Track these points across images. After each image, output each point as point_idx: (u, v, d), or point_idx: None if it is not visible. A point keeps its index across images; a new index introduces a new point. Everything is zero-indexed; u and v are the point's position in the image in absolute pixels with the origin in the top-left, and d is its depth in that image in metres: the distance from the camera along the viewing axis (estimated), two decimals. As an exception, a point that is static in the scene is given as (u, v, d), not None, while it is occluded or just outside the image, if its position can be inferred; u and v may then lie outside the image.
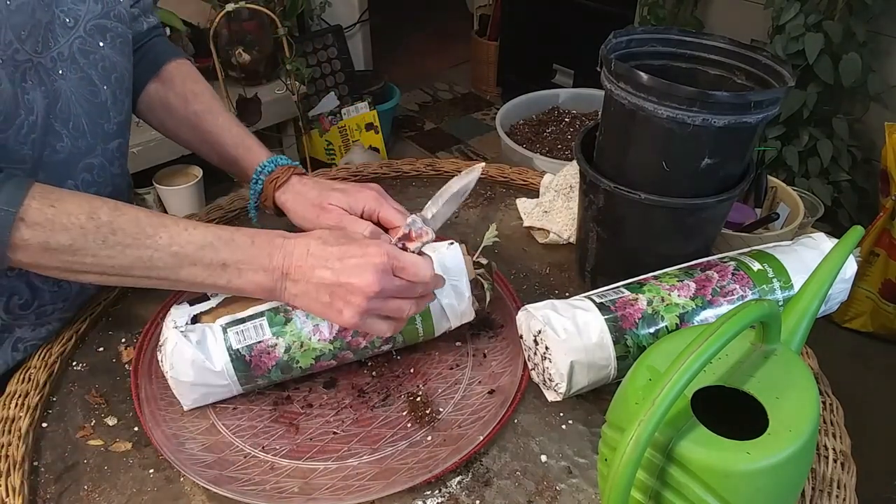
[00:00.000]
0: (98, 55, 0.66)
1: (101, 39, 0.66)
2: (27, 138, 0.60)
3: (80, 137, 0.66)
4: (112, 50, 0.68)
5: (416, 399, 0.63)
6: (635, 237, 0.70)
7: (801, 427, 0.42)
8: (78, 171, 0.66)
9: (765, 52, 0.66)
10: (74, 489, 0.57)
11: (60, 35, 0.62)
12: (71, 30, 0.63)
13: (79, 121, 0.65)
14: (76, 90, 0.64)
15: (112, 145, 0.70)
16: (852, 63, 1.62)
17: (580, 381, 0.59)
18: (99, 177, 0.69)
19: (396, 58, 3.25)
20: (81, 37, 0.64)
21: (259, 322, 0.60)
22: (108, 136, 0.69)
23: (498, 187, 0.96)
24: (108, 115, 0.69)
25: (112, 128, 0.69)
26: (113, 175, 0.71)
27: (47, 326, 0.71)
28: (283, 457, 0.59)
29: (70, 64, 0.63)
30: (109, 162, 0.70)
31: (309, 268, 0.56)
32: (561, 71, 2.62)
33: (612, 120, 0.66)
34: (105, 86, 0.67)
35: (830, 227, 1.71)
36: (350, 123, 2.26)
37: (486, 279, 0.67)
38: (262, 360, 0.59)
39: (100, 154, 0.68)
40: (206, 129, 0.77)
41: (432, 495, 0.56)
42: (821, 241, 0.67)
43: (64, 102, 0.63)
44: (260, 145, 0.77)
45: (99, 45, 0.66)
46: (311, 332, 0.60)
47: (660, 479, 0.44)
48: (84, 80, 0.65)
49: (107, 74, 0.67)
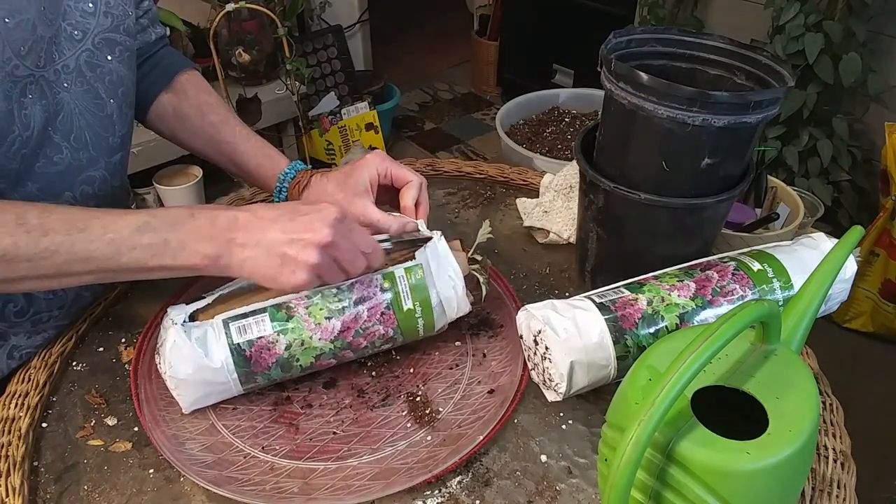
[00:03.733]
0: (105, 69, 0.66)
1: (110, 53, 0.66)
2: (17, 154, 0.59)
3: (82, 150, 0.65)
4: (120, 64, 0.67)
5: (416, 399, 0.63)
6: (635, 237, 0.70)
7: (801, 427, 0.42)
8: (77, 183, 0.66)
9: (765, 52, 0.66)
10: (74, 489, 0.57)
11: (66, 48, 0.62)
12: (78, 43, 0.63)
13: (81, 133, 0.65)
14: (80, 103, 0.64)
15: (115, 158, 0.70)
16: (852, 63, 1.62)
17: (580, 381, 0.59)
18: (100, 189, 0.69)
19: (396, 58, 3.25)
20: (89, 50, 0.64)
21: (261, 318, 0.60)
22: (112, 149, 0.69)
23: (498, 187, 0.96)
24: (114, 128, 0.68)
25: (116, 141, 0.69)
26: (114, 188, 0.71)
27: (43, 334, 0.70)
28: (282, 457, 0.59)
29: (76, 77, 0.63)
30: (111, 175, 0.70)
31: (258, 230, 0.54)
32: (561, 71, 2.62)
33: (612, 120, 0.66)
34: (112, 99, 0.67)
35: (830, 227, 1.71)
36: (350, 123, 2.26)
37: (480, 274, 0.67)
38: (263, 356, 0.59)
39: (102, 167, 0.68)
40: (225, 140, 0.77)
41: (432, 495, 0.56)
42: (821, 241, 0.67)
43: (66, 115, 0.63)
44: (278, 153, 0.77)
45: (107, 59, 0.66)
46: (312, 331, 0.60)
47: (660, 479, 0.44)
48: (90, 93, 0.65)
49: (114, 88, 0.67)
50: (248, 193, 0.92)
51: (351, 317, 0.61)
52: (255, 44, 2.06)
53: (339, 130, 2.26)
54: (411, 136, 2.77)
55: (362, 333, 0.62)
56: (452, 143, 2.72)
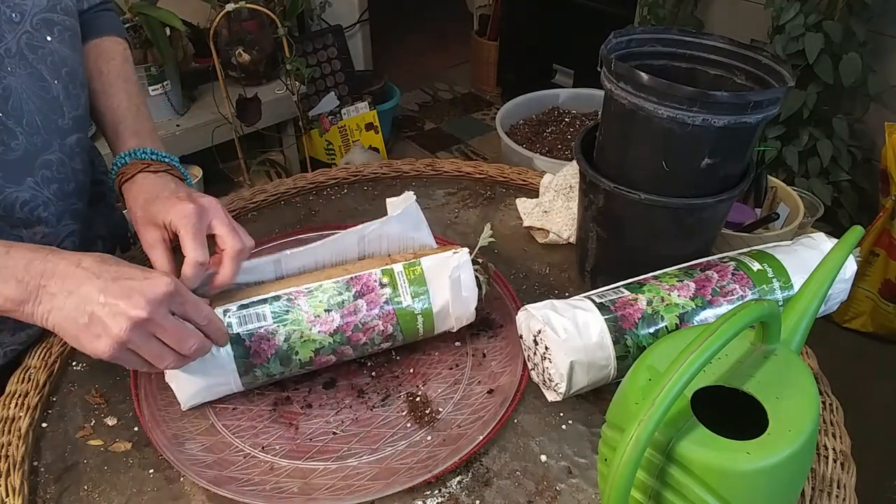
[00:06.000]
0: (46, 49, 0.65)
1: (49, 34, 0.65)
2: None
3: (35, 134, 0.64)
4: (60, 44, 0.66)
5: (416, 399, 0.63)
6: (635, 237, 0.70)
7: (801, 427, 0.42)
8: (36, 168, 0.65)
9: (765, 52, 0.66)
10: (74, 489, 0.57)
11: (7, 31, 0.61)
12: (17, 25, 0.62)
13: (32, 117, 0.64)
14: (27, 86, 0.63)
15: (70, 140, 0.69)
16: (852, 63, 1.62)
17: (580, 381, 0.59)
18: (59, 173, 0.68)
19: (396, 58, 3.25)
20: (28, 32, 0.63)
21: (261, 309, 0.60)
22: (63, 131, 0.68)
23: (498, 187, 0.96)
24: (62, 110, 0.67)
25: (67, 123, 0.68)
26: (75, 171, 0.70)
27: (27, 331, 0.70)
28: (282, 457, 0.59)
29: (18, 60, 0.62)
30: (69, 158, 0.69)
31: (74, 281, 0.49)
32: (561, 71, 2.62)
33: (612, 120, 0.66)
34: (56, 80, 0.66)
35: (830, 227, 1.71)
36: (350, 123, 2.27)
37: (482, 275, 0.67)
38: (262, 346, 0.59)
39: (57, 150, 0.67)
40: (96, 109, 0.74)
41: (432, 495, 0.56)
42: (821, 241, 0.67)
43: (16, 99, 0.62)
44: (135, 134, 0.71)
45: (46, 40, 0.65)
46: (311, 323, 0.60)
47: (660, 479, 0.44)
48: (34, 75, 0.64)
49: (56, 69, 0.66)
50: (248, 194, 0.92)
51: (350, 309, 0.61)
52: (255, 44, 2.06)
53: (339, 130, 2.27)
54: (411, 136, 2.77)
55: (361, 328, 0.62)
56: (452, 143, 2.72)
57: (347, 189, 0.95)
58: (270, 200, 0.92)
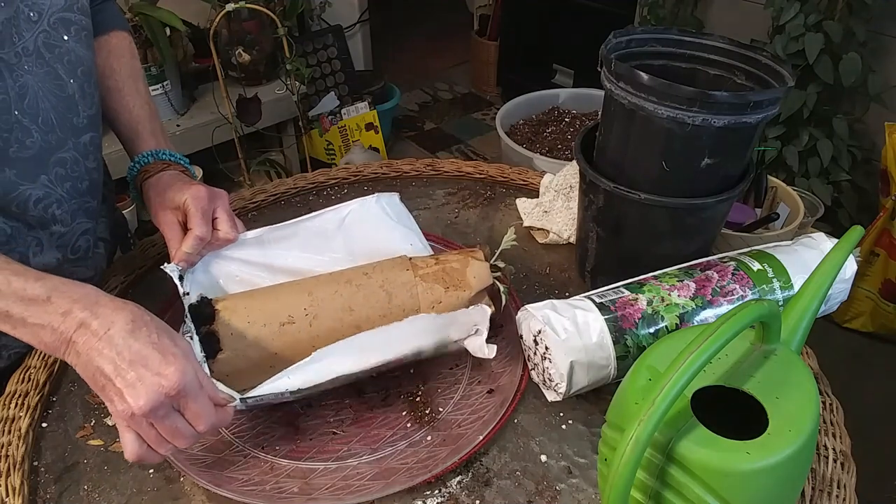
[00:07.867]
0: (63, 49, 0.65)
1: (66, 33, 0.66)
2: None
3: (50, 132, 0.65)
4: (77, 43, 0.67)
5: (416, 399, 0.63)
6: (635, 237, 0.70)
7: (801, 427, 0.42)
8: (50, 165, 0.66)
9: (765, 52, 0.66)
10: (74, 489, 0.57)
11: (25, 30, 0.62)
12: (35, 24, 0.62)
13: (47, 115, 0.65)
14: (43, 85, 0.64)
15: (84, 139, 0.69)
16: (852, 63, 1.62)
17: (580, 381, 0.59)
18: (73, 171, 0.68)
19: (396, 58, 3.25)
20: (46, 31, 0.64)
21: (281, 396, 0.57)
22: (78, 130, 0.68)
23: (498, 187, 0.96)
24: (77, 108, 0.68)
25: (82, 122, 0.69)
26: (88, 169, 0.70)
27: None
28: (283, 457, 0.59)
29: (35, 59, 0.63)
30: (83, 156, 0.69)
31: (96, 350, 0.50)
32: (561, 71, 2.62)
33: (612, 120, 0.66)
34: (72, 79, 0.67)
35: (830, 227, 1.71)
36: (350, 123, 2.27)
37: (502, 283, 0.66)
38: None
39: (71, 148, 0.68)
40: (110, 107, 0.76)
41: (432, 495, 0.56)
42: (821, 241, 0.67)
43: (31, 97, 0.63)
44: (152, 134, 0.74)
45: (63, 39, 0.65)
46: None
47: (660, 479, 0.44)
48: (50, 74, 0.64)
49: (73, 68, 0.67)
50: (248, 194, 0.92)
51: None
52: (255, 44, 2.06)
53: (339, 130, 2.27)
54: (411, 136, 2.77)
55: None
56: (452, 143, 2.72)
57: (347, 189, 0.95)
58: (270, 200, 0.92)
